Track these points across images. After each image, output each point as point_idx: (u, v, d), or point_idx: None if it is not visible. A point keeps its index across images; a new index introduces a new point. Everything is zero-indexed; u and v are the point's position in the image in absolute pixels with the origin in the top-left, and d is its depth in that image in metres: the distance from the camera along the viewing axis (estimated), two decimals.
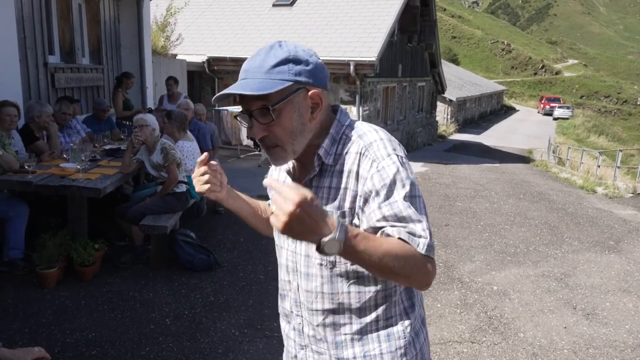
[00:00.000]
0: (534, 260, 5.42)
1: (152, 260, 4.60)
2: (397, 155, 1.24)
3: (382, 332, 1.33)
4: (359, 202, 1.24)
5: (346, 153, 1.27)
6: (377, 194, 1.20)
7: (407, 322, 1.35)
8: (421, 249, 1.17)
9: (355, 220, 1.26)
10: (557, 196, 8.98)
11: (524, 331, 3.84)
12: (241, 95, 1.22)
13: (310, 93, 1.25)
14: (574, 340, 3.73)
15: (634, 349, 3.67)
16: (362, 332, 1.33)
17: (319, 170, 1.30)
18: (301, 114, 1.25)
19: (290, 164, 1.40)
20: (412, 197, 1.21)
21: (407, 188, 1.21)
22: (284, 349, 1.53)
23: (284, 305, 1.47)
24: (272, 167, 1.53)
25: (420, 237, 1.18)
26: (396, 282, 1.29)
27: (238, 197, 1.51)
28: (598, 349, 3.64)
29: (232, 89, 1.23)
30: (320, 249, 1.06)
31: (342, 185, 1.26)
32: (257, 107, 1.22)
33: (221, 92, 1.25)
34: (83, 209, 4.34)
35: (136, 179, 5.70)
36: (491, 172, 12.00)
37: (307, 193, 1.04)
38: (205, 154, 1.41)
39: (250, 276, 4.50)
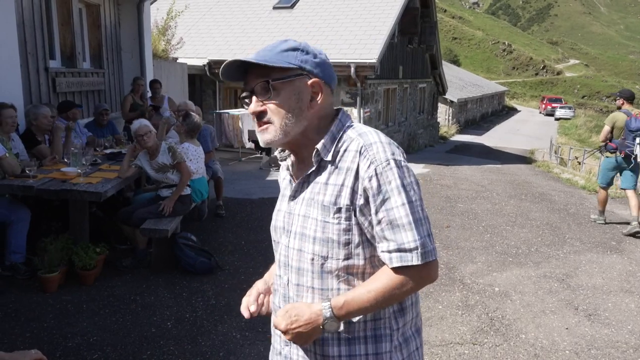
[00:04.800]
0: (535, 261, 5.41)
1: (153, 264, 4.61)
2: (396, 160, 1.27)
3: (370, 334, 1.33)
4: (358, 200, 1.27)
5: (345, 151, 1.31)
6: (374, 198, 1.25)
7: (395, 327, 1.35)
8: (416, 261, 1.23)
9: (354, 217, 1.29)
10: (558, 197, 8.96)
11: (526, 332, 3.83)
12: (247, 74, 1.32)
13: (310, 81, 1.32)
14: (576, 341, 3.72)
15: (636, 350, 3.65)
16: (350, 332, 1.33)
17: (317, 166, 1.33)
18: (300, 98, 1.31)
19: (289, 161, 1.43)
20: (409, 203, 1.25)
21: (403, 195, 1.24)
22: (271, 345, 1.54)
23: (274, 300, 1.48)
24: (281, 169, 1.54)
25: (411, 250, 1.23)
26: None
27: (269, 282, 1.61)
28: (600, 349, 3.63)
29: (239, 58, 1.30)
30: (325, 331, 1.28)
31: (340, 182, 1.29)
32: (258, 82, 1.30)
33: (229, 60, 1.30)
34: (84, 213, 4.36)
35: (137, 182, 5.72)
36: (492, 173, 11.99)
37: (287, 314, 1.28)
38: (246, 313, 1.51)
39: (252, 279, 4.46)
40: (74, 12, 6.79)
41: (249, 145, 10.83)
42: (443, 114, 26.97)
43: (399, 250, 1.23)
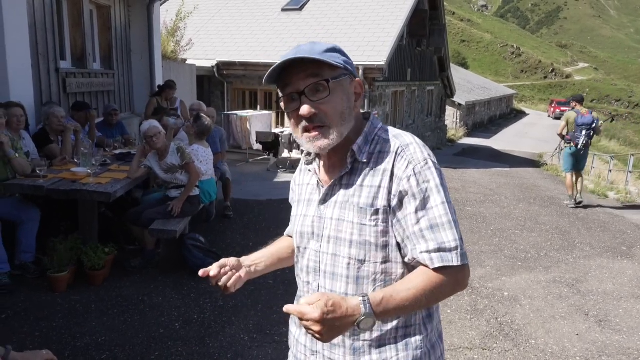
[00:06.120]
0: (545, 266, 5.37)
1: (161, 265, 4.61)
2: (433, 161, 1.28)
3: (400, 340, 1.32)
4: (393, 201, 1.26)
5: (380, 152, 1.30)
6: (414, 197, 1.24)
7: (425, 333, 1.35)
8: (456, 261, 1.22)
9: (390, 219, 1.27)
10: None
11: (536, 338, 3.79)
12: (289, 75, 1.25)
13: (355, 81, 1.32)
14: (587, 348, 3.68)
15: None
16: (381, 339, 1.31)
17: (350, 168, 1.31)
18: (348, 98, 1.30)
19: (315, 164, 1.41)
20: (448, 203, 1.25)
21: (442, 194, 1.25)
22: (290, 354, 1.51)
23: None
24: (297, 173, 1.52)
25: (451, 250, 1.22)
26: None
27: (258, 262, 1.58)
28: (611, 356, 3.59)
29: (295, 54, 1.22)
30: (359, 329, 1.13)
31: (377, 184, 1.27)
32: (311, 83, 1.24)
33: (287, 59, 1.22)
34: (94, 213, 4.37)
35: (146, 182, 5.73)
36: (501, 176, 11.92)
37: (321, 302, 1.08)
38: (202, 271, 1.39)
39: (259, 281, 4.49)
40: (84, 13, 6.83)
41: (257, 146, 10.84)
42: (451, 116, 26.85)
43: (440, 250, 1.21)
